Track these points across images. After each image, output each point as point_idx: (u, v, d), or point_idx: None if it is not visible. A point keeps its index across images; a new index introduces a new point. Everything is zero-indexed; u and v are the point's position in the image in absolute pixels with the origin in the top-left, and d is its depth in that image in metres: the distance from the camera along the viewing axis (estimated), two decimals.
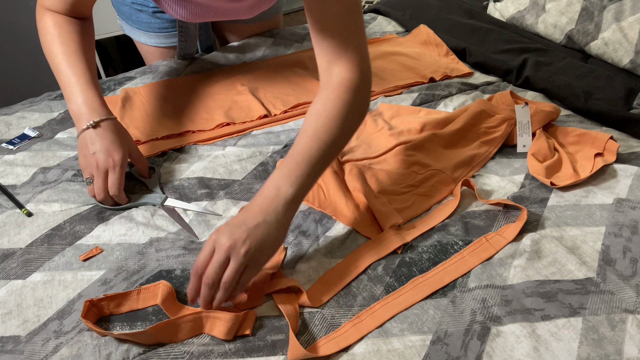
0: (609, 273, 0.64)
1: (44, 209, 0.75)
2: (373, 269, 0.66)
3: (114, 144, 0.72)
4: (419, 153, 0.85)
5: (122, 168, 0.72)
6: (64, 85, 0.75)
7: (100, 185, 0.72)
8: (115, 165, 0.71)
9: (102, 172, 0.71)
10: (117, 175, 0.71)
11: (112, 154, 0.72)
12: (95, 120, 0.72)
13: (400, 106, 0.98)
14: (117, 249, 0.69)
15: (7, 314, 0.61)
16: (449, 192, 0.79)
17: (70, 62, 0.75)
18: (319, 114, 0.65)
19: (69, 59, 0.75)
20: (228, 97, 1.02)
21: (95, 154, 0.71)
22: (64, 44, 0.76)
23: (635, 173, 0.78)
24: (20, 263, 0.67)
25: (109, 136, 0.72)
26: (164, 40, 1.12)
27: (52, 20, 0.77)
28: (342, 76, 0.67)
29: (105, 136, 0.72)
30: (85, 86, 0.74)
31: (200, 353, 0.56)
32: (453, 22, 1.29)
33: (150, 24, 1.09)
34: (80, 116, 0.73)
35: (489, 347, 0.56)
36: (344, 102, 0.65)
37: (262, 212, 0.59)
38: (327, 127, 0.64)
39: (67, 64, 0.75)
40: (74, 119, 0.74)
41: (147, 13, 1.07)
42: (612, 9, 1.09)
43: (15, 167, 0.84)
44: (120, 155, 0.72)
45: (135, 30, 1.12)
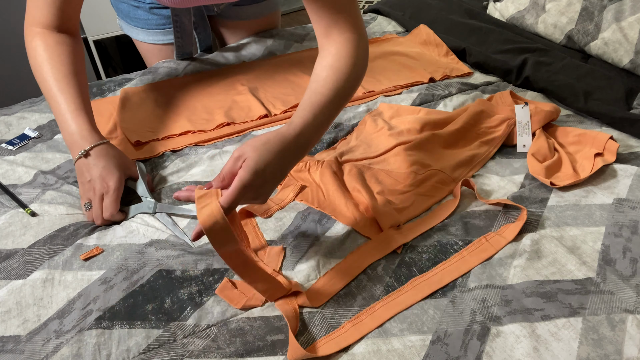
0: (609, 273, 0.64)
1: (50, 210, 0.75)
2: (373, 269, 0.66)
3: (107, 169, 0.73)
4: (418, 153, 0.85)
5: (116, 192, 0.73)
6: (56, 112, 0.75)
7: (97, 211, 0.73)
8: (109, 190, 0.73)
9: (98, 198, 0.73)
10: (111, 200, 0.72)
11: (107, 179, 0.73)
12: (86, 149, 0.73)
13: (400, 106, 0.98)
14: (118, 250, 0.69)
15: (6, 313, 0.61)
16: (448, 192, 0.79)
17: (60, 88, 0.75)
18: (327, 67, 0.68)
19: (59, 85, 0.75)
20: (228, 97, 1.02)
21: (91, 182, 0.73)
22: (54, 68, 0.76)
23: (635, 173, 0.78)
24: (22, 263, 0.67)
25: (101, 162, 0.73)
26: (161, 37, 1.12)
27: (42, 42, 0.77)
28: (344, 36, 0.70)
29: (97, 163, 0.73)
30: (75, 113, 0.74)
31: (200, 353, 0.56)
32: (453, 22, 1.29)
33: (148, 21, 1.09)
34: (72, 145, 0.74)
35: (489, 347, 0.56)
36: (348, 57, 0.69)
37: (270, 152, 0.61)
38: (335, 77, 0.67)
39: (58, 90, 0.75)
40: (68, 147, 0.76)
41: (144, 9, 1.07)
42: (612, 9, 1.09)
43: (15, 167, 0.84)
44: (115, 180, 0.73)
45: (133, 28, 1.12)
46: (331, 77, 0.67)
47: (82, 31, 2.10)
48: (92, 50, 2.12)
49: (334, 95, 0.67)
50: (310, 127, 0.65)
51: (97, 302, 0.62)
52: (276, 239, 0.71)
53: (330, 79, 0.67)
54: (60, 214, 0.75)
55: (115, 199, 0.73)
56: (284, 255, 0.68)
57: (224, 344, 0.57)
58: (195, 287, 0.64)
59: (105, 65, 2.18)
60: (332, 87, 0.67)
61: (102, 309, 0.61)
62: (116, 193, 0.73)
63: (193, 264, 0.66)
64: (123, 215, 0.75)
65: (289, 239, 0.71)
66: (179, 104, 1.00)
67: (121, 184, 0.74)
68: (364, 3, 3.04)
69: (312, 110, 0.65)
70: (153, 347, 0.57)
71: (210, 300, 0.62)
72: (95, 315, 0.60)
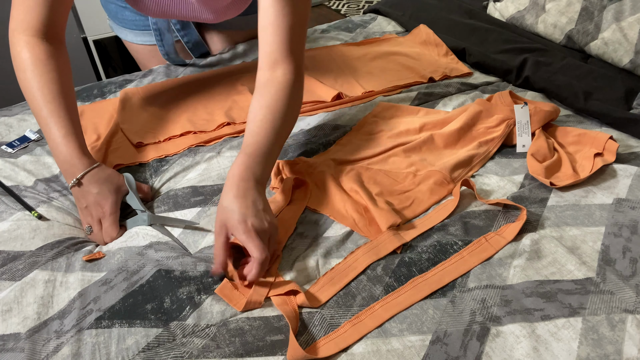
0: (609, 273, 0.64)
1: (58, 218, 0.76)
2: (372, 269, 0.66)
3: (101, 194, 0.73)
4: (418, 153, 0.85)
5: (112, 216, 0.73)
6: (46, 135, 0.75)
7: (98, 235, 0.74)
8: (105, 215, 0.73)
9: (97, 223, 0.74)
10: (109, 224, 0.73)
11: (102, 204, 0.73)
12: (77, 178, 0.73)
13: (400, 106, 0.98)
14: (118, 253, 0.69)
15: (7, 312, 0.61)
16: (448, 192, 0.79)
17: (51, 110, 0.74)
18: (264, 107, 0.73)
19: (50, 107, 0.74)
20: (228, 97, 1.02)
21: (87, 208, 0.74)
22: (44, 87, 0.74)
23: (635, 173, 0.78)
24: (27, 265, 0.67)
25: (94, 189, 0.73)
26: (148, 38, 1.12)
27: (30, 54, 0.75)
28: (286, 77, 0.75)
29: (90, 190, 0.73)
30: (67, 139, 0.74)
31: (199, 352, 0.56)
32: (453, 22, 1.29)
33: (135, 22, 1.09)
34: (65, 172, 0.75)
35: (489, 347, 0.56)
36: (286, 99, 0.74)
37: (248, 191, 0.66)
38: (272, 117, 0.72)
39: (48, 112, 0.74)
40: (62, 173, 0.76)
41: (130, 10, 1.08)
42: (612, 9, 1.09)
43: (17, 170, 0.84)
44: (109, 204, 0.73)
45: (122, 29, 1.13)
46: (268, 118, 0.72)
47: (82, 31, 2.10)
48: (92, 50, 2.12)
49: (272, 134, 0.72)
50: (259, 165, 0.69)
51: (96, 302, 0.62)
52: None
53: (268, 120, 0.72)
54: (69, 225, 0.76)
55: (113, 223, 0.73)
56: (279, 259, 0.68)
57: (224, 344, 0.57)
58: (194, 287, 0.64)
59: (105, 65, 2.19)
60: (270, 128, 0.72)
61: (102, 309, 0.61)
62: (112, 217, 0.73)
63: (192, 264, 0.66)
64: (123, 231, 0.75)
65: (287, 239, 0.71)
66: (179, 105, 1.00)
67: (117, 206, 0.74)
68: (363, 3, 3.04)
69: (255, 150, 0.70)
70: (152, 346, 0.57)
71: (209, 299, 0.62)
72: (95, 315, 0.60)
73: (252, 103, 0.75)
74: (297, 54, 0.77)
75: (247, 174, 0.67)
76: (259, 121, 0.72)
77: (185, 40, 1.15)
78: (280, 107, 0.73)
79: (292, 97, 0.75)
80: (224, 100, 1.01)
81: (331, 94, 1.02)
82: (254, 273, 0.61)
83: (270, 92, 0.74)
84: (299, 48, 0.77)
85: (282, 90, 0.74)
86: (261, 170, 0.69)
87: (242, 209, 0.63)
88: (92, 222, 0.74)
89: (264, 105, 0.73)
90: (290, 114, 0.75)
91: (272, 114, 0.73)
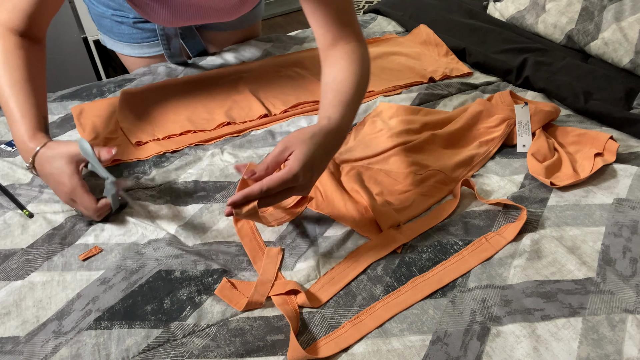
0: (609, 273, 0.64)
1: (45, 209, 0.75)
2: (373, 269, 0.66)
3: (57, 171, 0.69)
4: (418, 153, 0.85)
5: (78, 188, 0.69)
6: (8, 119, 0.73)
7: (83, 212, 0.71)
8: (70, 190, 0.69)
9: (71, 201, 0.70)
10: (79, 199, 0.69)
11: (62, 182, 0.69)
12: (29, 163, 0.71)
13: (400, 106, 0.98)
14: (116, 249, 0.69)
15: (6, 315, 0.61)
16: (448, 192, 0.79)
17: (12, 93, 0.72)
18: (342, 70, 0.73)
19: (11, 90, 0.72)
20: (228, 96, 1.02)
21: (55, 189, 0.71)
22: (7, 73, 0.72)
23: (635, 173, 0.78)
24: (21, 264, 0.67)
25: (48, 168, 0.69)
26: (147, 50, 1.12)
27: (2, 43, 0.74)
28: (350, 45, 0.75)
29: (46, 170, 0.70)
30: (21, 121, 0.71)
31: (200, 353, 0.56)
32: (453, 22, 1.29)
33: (132, 35, 1.09)
34: (23, 157, 0.72)
35: (489, 347, 0.56)
36: (358, 60, 0.74)
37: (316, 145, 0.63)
38: (352, 78, 0.72)
39: (9, 95, 0.72)
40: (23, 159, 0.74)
41: (127, 24, 1.07)
42: (612, 9, 1.09)
43: (15, 168, 0.84)
44: (67, 179, 0.68)
45: (118, 43, 1.12)
46: (350, 78, 0.72)
47: (82, 31, 2.10)
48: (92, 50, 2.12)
49: (355, 92, 0.71)
50: (346, 121, 0.69)
51: (96, 302, 0.62)
52: (274, 240, 0.71)
53: (350, 80, 0.72)
54: (55, 211, 0.75)
55: (82, 195, 0.69)
56: (282, 256, 0.68)
57: (224, 344, 0.57)
58: (194, 287, 0.63)
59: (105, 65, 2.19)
60: (353, 86, 0.71)
61: (102, 309, 0.61)
62: (78, 190, 0.69)
63: (192, 264, 0.66)
64: (108, 204, 0.71)
65: (287, 239, 0.71)
66: (179, 104, 1.00)
67: (76, 178, 0.69)
68: (364, 3, 3.04)
69: (343, 106, 0.69)
70: (152, 346, 0.57)
71: (209, 300, 0.62)
72: (95, 315, 0.60)
73: (322, 79, 0.75)
74: (353, 26, 0.77)
75: (340, 139, 0.68)
76: (341, 81, 0.72)
77: (185, 41, 1.15)
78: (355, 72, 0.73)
79: (361, 62, 0.74)
80: (224, 99, 1.01)
81: None
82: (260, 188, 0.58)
83: (334, 62, 0.74)
84: (353, 20, 0.77)
85: (347, 57, 0.74)
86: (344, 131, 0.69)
87: (320, 161, 0.63)
88: (67, 202, 0.71)
89: (339, 69, 0.73)
90: (361, 78, 0.74)
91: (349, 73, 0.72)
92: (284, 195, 0.62)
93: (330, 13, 0.74)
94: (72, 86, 1.10)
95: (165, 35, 1.07)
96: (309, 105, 1.01)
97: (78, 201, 0.70)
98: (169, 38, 1.08)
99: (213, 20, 0.93)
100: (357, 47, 0.76)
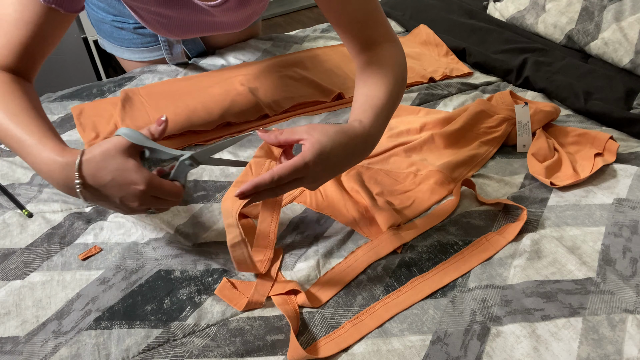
0: (609, 273, 0.64)
1: (44, 208, 0.75)
2: (373, 269, 0.66)
3: (117, 177, 0.56)
4: (418, 153, 0.85)
5: (156, 178, 0.57)
6: (19, 148, 0.59)
7: (164, 204, 0.60)
8: (146, 186, 0.56)
9: (147, 201, 0.58)
10: (162, 190, 0.58)
11: (130, 183, 0.56)
12: (78, 181, 0.56)
13: (400, 106, 0.98)
14: (116, 248, 0.69)
15: (5, 315, 0.61)
16: (448, 192, 0.79)
17: (18, 122, 0.59)
18: (373, 74, 0.68)
19: (17, 119, 0.59)
20: (228, 97, 1.02)
21: (122, 201, 0.57)
22: (5, 105, 0.60)
23: (635, 173, 0.78)
24: (20, 263, 0.67)
25: (103, 177, 0.56)
26: (147, 54, 1.12)
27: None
28: (382, 46, 0.71)
29: (100, 182, 0.56)
30: (41, 144, 0.57)
31: (200, 353, 0.56)
32: (453, 22, 1.29)
33: (133, 40, 1.09)
34: (63, 184, 0.57)
35: (489, 347, 0.56)
36: (391, 62, 0.70)
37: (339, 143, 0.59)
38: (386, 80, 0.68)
39: (15, 125, 0.59)
40: (50, 181, 0.59)
41: (128, 30, 1.07)
42: (612, 9, 1.09)
43: (14, 167, 0.84)
44: (135, 176, 0.56)
45: (118, 47, 1.12)
46: (384, 85, 0.67)
47: (82, 31, 2.10)
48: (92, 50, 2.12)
49: (389, 99, 0.67)
50: (376, 128, 0.64)
51: (95, 302, 0.62)
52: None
53: (383, 87, 0.67)
54: (54, 211, 0.75)
55: (161, 184, 0.57)
56: (282, 256, 0.68)
57: (224, 344, 0.57)
58: (194, 287, 0.63)
59: (105, 65, 2.19)
60: (386, 92, 0.67)
61: (101, 309, 0.61)
62: (155, 180, 0.57)
63: (192, 264, 0.66)
64: (181, 189, 0.60)
65: (287, 239, 0.71)
66: (178, 104, 1.00)
67: (144, 168, 0.57)
68: None
69: (374, 112, 0.64)
70: (152, 346, 0.57)
71: (209, 299, 0.62)
72: (94, 315, 0.60)
73: (355, 85, 0.71)
74: (383, 26, 0.72)
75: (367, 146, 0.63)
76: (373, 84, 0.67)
77: (185, 43, 1.16)
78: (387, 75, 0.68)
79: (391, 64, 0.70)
80: (224, 100, 1.01)
81: (331, 94, 1.02)
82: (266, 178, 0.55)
83: (365, 63, 0.70)
84: (382, 18, 0.72)
85: (380, 56, 0.70)
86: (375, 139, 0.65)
87: (338, 159, 0.59)
88: (143, 204, 0.58)
89: (371, 73, 0.69)
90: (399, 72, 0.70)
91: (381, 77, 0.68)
92: (293, 185, 0.58)
93: (356, 17, 0.70)
94: (72, 86, 1.10)
95: (167, 41, 1.07)
96: (309, 106, 1.01)
97: (159, 193, 0.57)
98: (171, 44, 1.08)
99: (221, 32, 0.93)
100: (389, 49, 0.71)
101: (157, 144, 0.59)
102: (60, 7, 0.62)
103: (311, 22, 2.92)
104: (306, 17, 3.01)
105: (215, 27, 0.87)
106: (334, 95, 1.02)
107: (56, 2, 0.61)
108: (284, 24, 2.95)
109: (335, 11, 0.70)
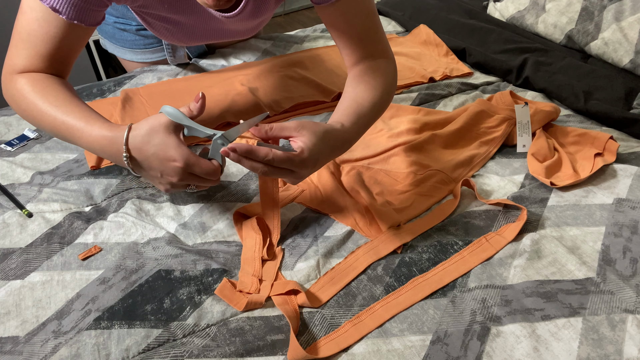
0: (609, 273, 0.64)
1: (44, 208, 0.75)
2: (373, 269, 0.66)
3: (159, 150, 0.58)
4: (418, 153, 0.85)
5: (193, 156, 0.59)
6: (70, 134, 0.63)
7: (202, 181, 0.62)
8: (184, 163, 0.58)
9: (186, 177, 0.60)
10: (200, 167, 0.59)
11: (170, 159, 0.58)
12: (125, 155, 0.59)
13: (400, 106, 0.98)
14: (116, 248, 0.69)
15: (5, 315, 0.61)
16: (448, 192, 0.79)
17: (65, 111, 0.62)
18: (362, 82, 0.71)
19: (62, 109, 0.63)
20: (228, 97, 1.02)
21: (162, 174, 0.60)
22: (49, 98, 0.63)
23: (635, 173, 0.78)
24: (20, 263, 0.67)
25: (147, 151, 0.59)
26: (150, 55, 1.12)
27: (26, 81, 0.65)
28: (375, 61, 0.74)
29: (144, 155, 0.59)
30: (89, 127, 0.62)
31: (200, 352, 0.56)
32: (453, 22, 1.29)
33: (135, 42, 1.09)
34: (114, 157, 0.61)
35: (489, 347, 0.56)
36: (381, 80, 0.72)
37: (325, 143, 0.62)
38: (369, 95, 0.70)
39: (62, 113, 0.62)
40: (114, 162, 0.65)
41: (130, 32, 1.07)
42: (612, 9, 1.09)
43: (15, 167, 0.84)
44: (175, 153, 0.58)
45: (120, 48, 1.12)
46: (371, 93, 0.70)
47: None
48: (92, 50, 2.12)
49: (372, 107, 0.69)
50: (356, 131, 0.68)
51: (95, 302, 0.62)
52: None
53: (370, 94, 0.70)
54: (53, 210, 0.75)
55: (198, 161, 0.59)
56: (282, 256, 0.68)
57: (224, 344, 0.57)
58: (194, 287, 0.63)
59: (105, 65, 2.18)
60: (371, 101, 0.70)
61: (101, 309, 0.61)
62: (192, 158, 0.58)
63: (192, 264, 0.66)
64: (219, 166, 0.61)
65: (287, 239, 0.71)
66: (178, 104, 0.99)
67: (184, 146, 0.59)
68: None
69: (357, 117, 0.67)
70: (152, 346, 0.57)
71: (209, 299, 0.62)
72: (94, 315, 0.60)
73: (344, 89, 0.73)
74: (379, 41, 0.75)
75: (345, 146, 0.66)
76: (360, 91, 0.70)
77: (190, 49, 1.16)
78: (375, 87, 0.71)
79: (382, 76, 0.73)
80: (224, 100, 1.01)
81: (331, 94, 1.02)
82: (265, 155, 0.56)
83: (357, 72, 0.73)
84: (380, 35, 0.75)
85: (372, 67, 0.73)
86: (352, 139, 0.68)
87: (324, 158, 0.62)
88: (181, 180, 0.60)
89: (360, 81, 0.72)
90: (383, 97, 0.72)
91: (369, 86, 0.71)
92: (281, 173, 0.59)
93: (356, 33, 0.72)
94: (73, 86, 1.10)
95: (170, 44, 1.07)
96: (309, 106, 1.01)
97: (197, 170, 0.59)
98: (175, 46, 1.09)
99: (228, 40, 0.93)
100: (383, 64, 0.74)
101: (194, 122, 0.61)
102: (82, 22, 0.64)
103: (311, 22, 2.92)
104: (306, 17, 3.01)
105: (223, 35, 0.88)
106: (334, 95, 1.02)
107: (78, 18, 0.63)
108: (284, 24, 2.95)
109: (338, 28, 0.72)
